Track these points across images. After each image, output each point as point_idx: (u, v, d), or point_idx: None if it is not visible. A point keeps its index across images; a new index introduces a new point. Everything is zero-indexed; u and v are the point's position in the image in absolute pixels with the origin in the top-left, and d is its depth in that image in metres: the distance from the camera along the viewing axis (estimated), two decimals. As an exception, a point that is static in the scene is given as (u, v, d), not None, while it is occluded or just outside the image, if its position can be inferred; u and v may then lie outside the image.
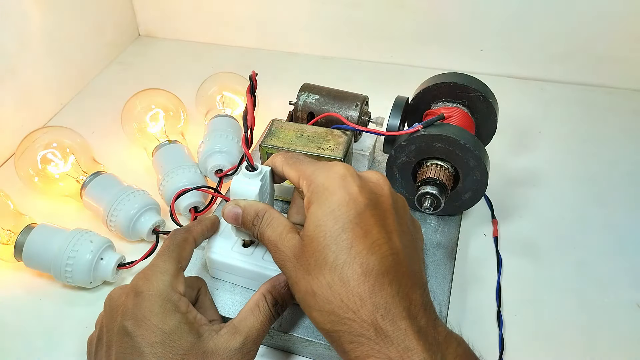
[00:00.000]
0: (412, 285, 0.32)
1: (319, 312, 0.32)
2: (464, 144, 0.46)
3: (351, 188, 0.33)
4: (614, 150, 0.65)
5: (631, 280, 0.50)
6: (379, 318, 0.30)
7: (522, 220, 0.56)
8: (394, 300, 0.30)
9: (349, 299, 0.30)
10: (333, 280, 0.31)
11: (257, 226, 0.37)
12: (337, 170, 0.34)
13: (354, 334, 0.30)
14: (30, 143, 0.55)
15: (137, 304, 0.35)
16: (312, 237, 0.32)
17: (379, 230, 0.32)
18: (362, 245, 0.31)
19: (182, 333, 0.34)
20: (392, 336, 0.30)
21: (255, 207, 0.38)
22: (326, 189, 0.33)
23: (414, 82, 0.56)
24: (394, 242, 0.33)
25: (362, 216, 0.32)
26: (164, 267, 0.38)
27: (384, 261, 0.31)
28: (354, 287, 0.30)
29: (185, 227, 0.43)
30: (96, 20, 0.79)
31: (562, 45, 0.74)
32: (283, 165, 0.38)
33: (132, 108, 0.60)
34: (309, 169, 0.35)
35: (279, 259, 0.35)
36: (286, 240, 0.35)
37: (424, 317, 0.31)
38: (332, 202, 0.32)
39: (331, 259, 0.31)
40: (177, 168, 0.54)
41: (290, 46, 0.85)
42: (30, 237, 0.48)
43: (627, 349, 0.45)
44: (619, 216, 0.56)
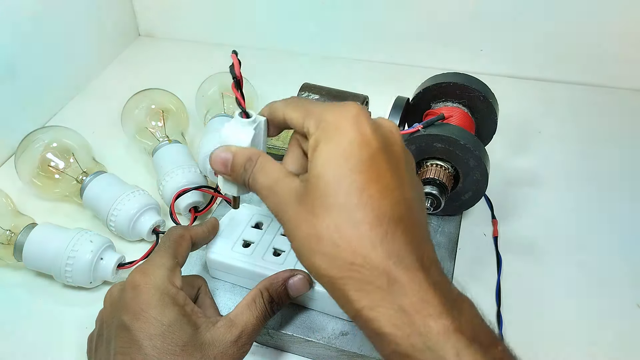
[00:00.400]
0: (422, 237, 0.30)
1: (323, 256, 0.29)
2: (464, 144, 0.46)
3: (364, 129, 0.30)
4: (614, 150, 0.65)
5: (631, 280, 0.50)
6: (391, 266, 0.28)
7: (522, 220, 0.56)
8: (408, 249, 0.28)
9: (359, 243, 0.28)
10: (342, 222, 0.29)
11: (250, 171, 0.34)
12: (350, 109, 0.31)
13: (363, 281, 0.28)
14: (30, 143, 0.55)
15: (134, 298, 0.35)
16: (320, 175, 0.30)
17: (391, 175, 0.30)
18: (375, 189, 0.29)
19: (180, 325, 0.34)
20: (407, 286, 0.28)
21: (248, 152, 0.35)
22: (338, 127, 0.31)
23: (414, 82, 0.56)
24: (405, 189, 0.31)
25: (375, 159, 0.30)
26: (161, 262, 0.37)
27: (397, 207, 0.29)
28: (365, 230, 0.28)
29: (183, 225, 0.43)
30: (96, 20, 0.79)
31: (562, 45, 0.74)
32: (285, 108, 0.35)
33: (132, 108, 0.60)
34: (318, 108, 0.33)
35: (276, 202, 0.32)
36: (284, 182, 0.32)
37: (436, 272, 0.29)
38: (344, 141, 0.30)
39: (341, 199, 0.29)
40: (177, 168, 0.54)
41: (290, 46, 0.85)
42: (30, 237, 0.48)
43: (627, 349, 0.45)
44: (619, 216, 0.56)
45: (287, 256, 0.44)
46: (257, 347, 0.45)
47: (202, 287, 0.43)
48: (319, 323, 0.43)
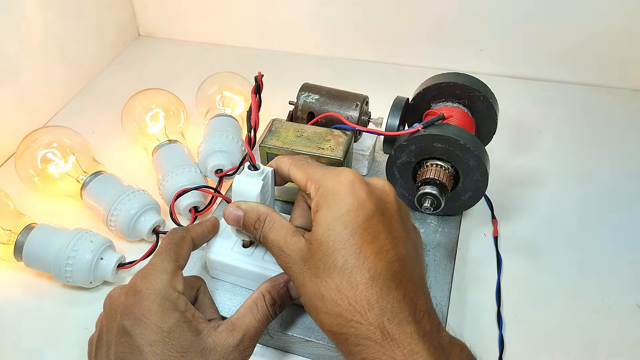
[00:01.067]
0: (416, 291, 0.33)
1: (327, 315, 0.32)
2: (464, 144, 0.46)
3: (360, 194, 0.34)
4: (614, 150, 0.65)
5: (631, 280, 0.50)
6: (385, 322, 0.31)
7: (522, 220, 0.56)
8: (401, 305, 0.31)
9: (357, 302, 0.31)
10: (342, 284, 0.32)
11: (260, 230, 0.38)
12: (346, 175, 0.35)
13: (361, 336, 0.31)
14: (30, 143, 0.55)
15: (135, 303, 0.35)
16: (322, 240, 0.33)
17: (386, 236, 0.33)
18: (370, 250, 0.32)
19: (181, 331, 0.35)
20: (399, 339, 0.30)
21: (257, 210, 0.38)
22: (335, 193, 0.34)
23: (414, 82, 0.56)
24: (400, 248, 0.33)
25: (371, 222, 0.33)
26: (162, 266, 0.38)
27: (391, 266, 0.32)
28: (362, 290, 0.31)
29: (184, 227, 0.43)
30: (96, 20, 0.79)
31: (562, 45, 0.74)
32: (290, 167, 0.39)
33: (132, 108, 0.60)
34: (318, 173, 0.36)
35: (285, 261, 0.35)
36: (291, 243, 0.35)
37: (428, 322, 0.32)
38: (342, 206, 0.33)
39: (340, 262, 0.32)
40: (177, 168, 0.54)
41: (290, 46, 0.85)
42: (30, 237, 0.48)
43: (627, 349, 0.45)
44: (619, 216, 0.56)
45: (287, 256, 0.44)
46: (257, 348, 0.44)
47: (202, 288, 0.43)
48: (319, 323, 0.43)
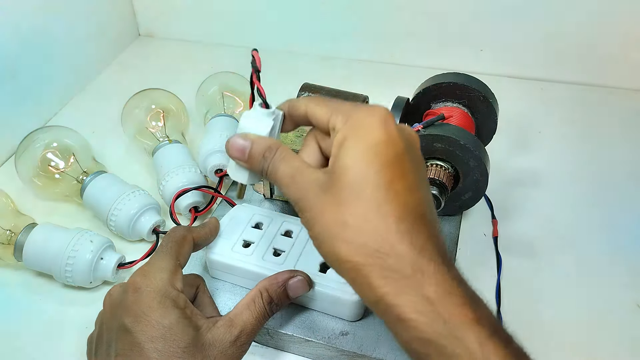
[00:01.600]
0: (440, 237, 0.32)
1: (348, 243, 0.30)
2: (464, 144, 0.46)
3: (392, 130, 0.32)
4: (614, 150, 0.65)
5: (631, 280, 0.50)
6: (417, 256, 0.29)
7: (522, 220, 0.56)
8: (432, 242, 0.30)
9: (386, 233, 0.30)
10: (370, 212, 0.30)
11: (269, 159, 0.35)
12: (379, 110, 0.33)
13: (388, 268, 0.29)
14: (30, 143, 0.55)
15: (135, 301, 0.35)
16: (349, 167, 0.31)
17: (414, 176, 0.32)
18: (401, 186, 0.31)
19: (181, 327, 0.35)
20: (432, 276, 0.29)
21: (268, 141, 0.35)
22: (367, 125, 0.32)
23: (414, 82, 0.56)
24: (425, 190, 0.33)
25: (401, 158, 0.32)
26: (162, 264, 0.38)
27: (421, 206, 0.31)
28: (391, 222, 0.30)
29: (185, 226, 0.42)
30: (96, 20, 0.79)
31: (562, 45, 0.74)
32: (308, 103, 0.36)
33: (133, 108, 0.60)
34: (345, 106, 0.34)
35: (297, 190, 0.33)
36: (307, 172, 0.33)
37: (454, 269, 0.31)
38: (373, 138, 0.31)
39: (369, 191, 0.30)
40: (177, 168, 0.54)
41: (290, 46, 0.85)
42: (30, 237, 0.48)
43: (627, 349, 0.45)
44: (619, 216, 0.56)
45: (287, 256, 0.44)
46: (257, 347, 0.45)
47: (201, 286, 0.43)
48: (319, 323, 0.43)
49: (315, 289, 0.42)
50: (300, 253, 0.44)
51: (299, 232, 0.46)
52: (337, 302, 0.41)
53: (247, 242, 0.46)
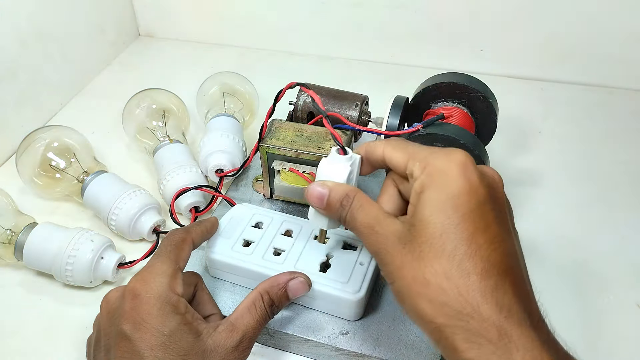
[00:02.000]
0: (529, 292, 0.30)
1: (429, 302, 0.29)
2: (463, 144, 0.46)
3: (472, 177, 0.30)
4: (614, 150, 0.65)
5: (631, 280, 0.50)
6: (502, 319, 0.27)
7: (522, 220, 0.55)
8: (518, 303, 0.28)
9: (468, 293, 0.28)
10: (451, 270, 0.28)
11: (347, 207, 0.34)
12: (458, 156, 0.31)
13: (473, 332, 0.27)
14: (31, 142, 0.55)
15: (134, 307, 0.35)
16: (429, 221, 0.30)
17: (497, 227, 0.30)
18: (483, 239, 0.29)
19: (181, 334, 0.34)
20: (518, 342, 0.27)
21: (345, 188, 0.35)
22: (446, 173, 0.30)
23: (414, 82, 0.56)
24: (511, 242, 0.31)
25: (483, 208, 0.30)
26: (161, 269, 0.37)
27: (505, 260, 0.29)
28: (474, 280, 0.28)
29: (183, 228, 0.42)
30: (96, 20, 0.79)
31: (562, 45, 0.74)
32: (385, 147, 0.35)
33: (133, 107, 0.60)
34: (423, 152, 0.33)
35: (377, 242, 0.32)
36: (386, 223, 0.32)
37: (545, 329, 0.29)
38: (453, 188, 0.30)
39: (450, 247, 0.29)
40: (177, 168, 0.54)
41: (290, 46, 0.85)
42: (30, 236, 0.48)
43: (627, 349, 0.45)
44: (619, 216, 0.56)
45: (287, 256, 0.44)
46: (257, 347, 0.45)
47: (199, 284, 0.43)
48: (319, 323, 0.43)
49: (315, 288, 0.42)
50: (300, 252, 0.44)
51: (299, 232, 0.46)
52: (338, 301, 0.41)
53: (248, 241, 0.46)
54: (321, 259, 0.44)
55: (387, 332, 0.42)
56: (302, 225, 0.47)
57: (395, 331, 0.42)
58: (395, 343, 0.41)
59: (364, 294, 0.41)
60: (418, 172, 0.32)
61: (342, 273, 0.42)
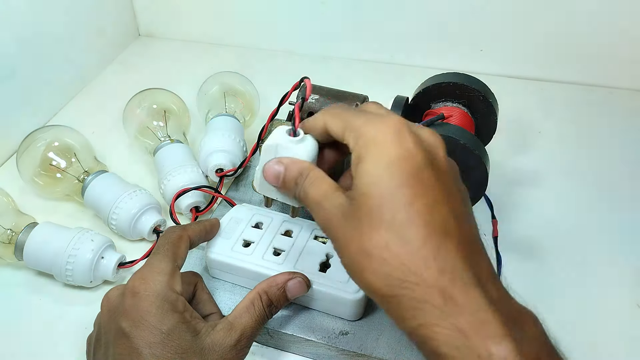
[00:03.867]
0: (477, 251, 0.29)
1: (374, 275, 0.28)
2: (464, 144, 0.46)
3: (407, 143, 0.30)
4: (614, 150, 0.65)
5: (631, 280, 0.50)
6: (446, 282, 0.27)
7: (522, 220, 0.56)
8: (462, 264, 0.27)
9: (410, 261, 0.27)
10: (391, 240, 0.28)
11: (300, 185, 0.34)
12: (391, 122, 0.31)
13: (417, 299, 0.27)
14: (32, 142, 0.55)
15: (134, 305, 0.35)
16: (366, 193, 0.29)
17: (438, 190, 0.29)
18: (423, 204, 0.28)
19: (180, 332, 0.34)
20: (463, 305, 0.26)
21: (300, 165, 0.34)
22: (379, 143, 0.30)
23: (414, 82, 0.56)
24: (454, 204, 0.30)
25: (420, 173, 0.29)
26: (160, 267, 0.37)
27: (448, 222, 0.28)
28: (416, 247, 0.27)
29: (180, 225, 0.42)
30: (96, 20, 0.79)
31: (562, 45, 0.74)
32: (324, 116, 0.34)
33: (134, 107, 0.60)
34: (358, 120, 0.31)
35: (324, 218, 0.32)
36: (333, 198, 0.31)
37: (494, 288, 0.28)
38: (387, 156, 0.29)
39: (388, 216, 0.28)
40: (178, 167, 0.54)
41: (290, 46, 0.85)
42: (31, 236, 0.48)
43: (627, 349, 0.45)
44: (619, 216, 0.56)
45: (287, 256, 0.44)
46: (257, 347, 0.45)
47: (199, 283, 0.43)
48: (319, 323, 0.43)
49: (315, 288, 0.42)
50: (300, 253, 0.44)
51: (299, 232, 0.46)
52: (337, 301, 0.42)
53: (247, 241, 0.46)
54: (321, 259, 0.44)
55: (387, 332, 0.42)
56: (302, 225, 0.47)
57: (395, 331, 0.42)
58: (395, 343, 0.41)
59: (363, 293, 0.41)
60: (353, 143, 0.31)
61: (342, 273, 0.42)
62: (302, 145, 0.35)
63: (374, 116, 0.32)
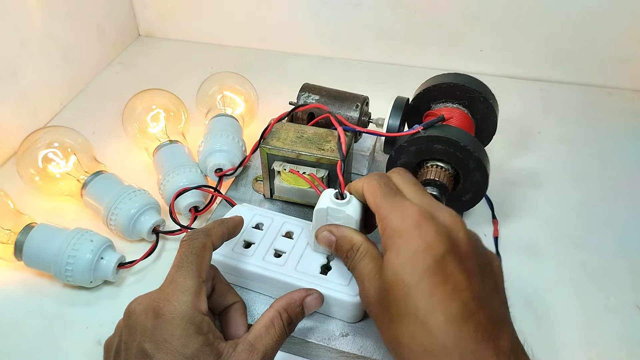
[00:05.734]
0: (497, 329, 0.31)
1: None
2: (464, 146, 0.46)
3: (427, 234, 0.32)
4: (614, 150, 0.65)
5: (631, 280, 0.50)
6: None
7: (522, 220, 0.56)
8: (481, 348, 0.30)
9: (433, 350, 0.30)
10: (416, 331, 0.31)
11: (351, 259, 0.38)
12: (411, 214, 0.33)
13: None
14: (31, 142, 0.55)
15: (157, 326, 0.34)
16: (391, 285, 0.32)
17: (458, 275, 0.31)
18: (443, 292, 0.31)
19: (203, 355, 0.33)
20: None
21: (350, 240, 0.38)
22: (401, 235, 0.33)
23: (414, 82, 0.56)
24: (475, 286, 0.32)
25: (441, 262, 0.32)
26: (185, 285, 0.35)
27: (467, 307, 0.31)
28: (437, 336, 0.30)
29: (203, 231, 0.39)
30: (96, 20, 0.79)
31: (562, 45, 0.74)
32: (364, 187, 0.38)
33: (133, 108, 0.60)
34: (384, 208, 0.35)
35: (364, 295, 0.36)
36: (373, 280, 0.35)
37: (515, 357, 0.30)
38: (409, 249, 0.32)
39: (412, 309, 0.31)
40: (177, 168, 0.54)
41: (290, 46, 0.85)
42: (30, 236, 0.48)
43: (627, 349, 0.45)
44: (619, 216, 0.56)
45: (288, 257, 0.44)
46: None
47: (217, 276, 0.41)
48: (319, 324, 0.43)
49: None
50: (301, 254, 0.44)
51: (300, 233, 0.46)
52: (338, 303, 0.41)
53: (248, 242, 0.46)
54: (322, 261, 0.43)
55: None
56: (302, 226, 0.46)
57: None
58: (396, 344, 0.41)
59: (364, 294, 0.41)
60: (381, 230, 0.35)
61: (342, 275, 0.42)
62: (350, 206, 0.40)
63: (397, 206, 0.35)
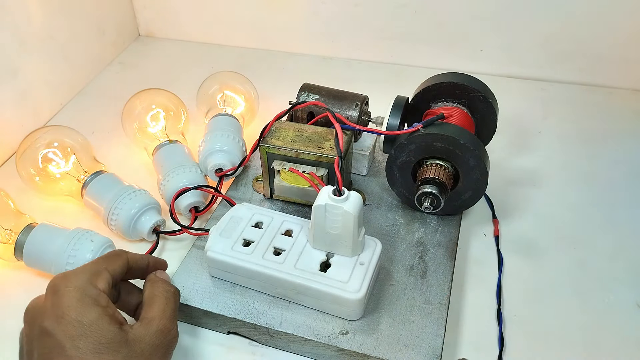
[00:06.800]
0: None
1: None
2: (463, 144, 0.46)
3: None
4: (614, 150, 0.65)
5: (631, 280, 0.50)
6: None
7: (523, 220, 0.56)
8: None
9: None
10: None
11: None
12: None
13: None
14: (31, 142, 0.55)
15: (55, 303, 0.35)
16: None
17: None
18: None
19: (102, 324, 0.34)
20: None
21: None
22: None
23: (414, 82, 0.56)
24: None
25: None
26: (84, 267, 0.38)
27: None
28: None
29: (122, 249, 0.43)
30: (96, 20, 0.79)
31: (562, 45, 0.74)
32: None
33: (133, 108, 0.60)
34: None
35: None
36: None
37: None
38: None
39: None
40: (177, 168, 0.54)
41: (290, 46, 0.85)
42: (30, 236, 0.48)
43: (627, 349, 0.45)
44: (619, 216, 0.56)
45: (288, 255, 0.44)
46: (257, 347, 0.45)
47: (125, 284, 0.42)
48: (319, 322, 0.43)
49: (316, 288, 0.42)
50: (300, 252, 0.44)
51: (299, 232, 0.46)
52: (337, 300, 0.41)
53: (248, 241, 0.46)
54: (321, 259, 0.44)
55: (387, 332, 0.42)
56: (302, 225, 0.47)
57: (395, 331, 0.42)
58: (395, 343, 0.41)
59: (364, 293, 0.41)
60: None
61: (342, 272, 0.42)
62: (348, 203, 0.41)
63: None
